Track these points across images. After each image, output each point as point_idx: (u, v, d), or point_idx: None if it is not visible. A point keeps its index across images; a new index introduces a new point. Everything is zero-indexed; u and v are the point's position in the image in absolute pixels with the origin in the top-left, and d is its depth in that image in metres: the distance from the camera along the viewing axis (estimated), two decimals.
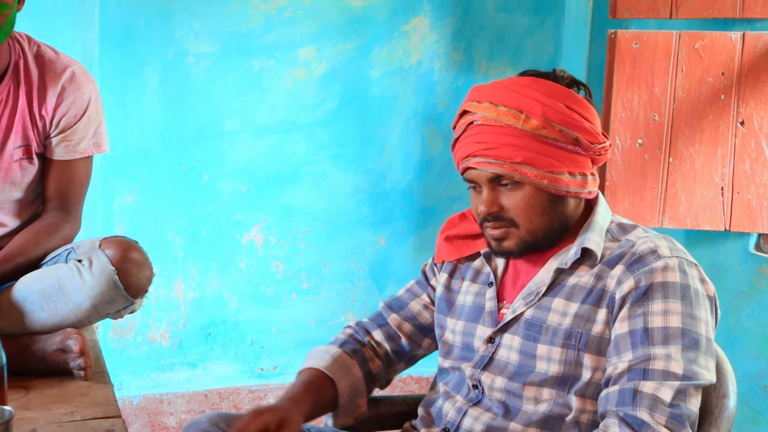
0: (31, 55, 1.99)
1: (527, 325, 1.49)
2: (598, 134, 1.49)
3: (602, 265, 1.46)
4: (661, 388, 1.33)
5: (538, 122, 1.43)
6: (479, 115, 1.47)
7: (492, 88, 1.49)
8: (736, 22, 2.70)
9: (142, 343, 2.97)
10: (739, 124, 2.66)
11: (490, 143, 1.45)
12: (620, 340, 1.39)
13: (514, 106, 1.45)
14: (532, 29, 3.19)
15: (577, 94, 1.49)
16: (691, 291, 1.40)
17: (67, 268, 1.85)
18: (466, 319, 1.59)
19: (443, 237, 1.66)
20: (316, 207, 3.08)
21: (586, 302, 1.44)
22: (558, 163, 1.45)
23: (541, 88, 1.46)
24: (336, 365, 1.63)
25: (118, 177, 2.85)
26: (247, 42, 2.90)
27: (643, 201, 2.73)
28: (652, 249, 1.43)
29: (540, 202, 1.46)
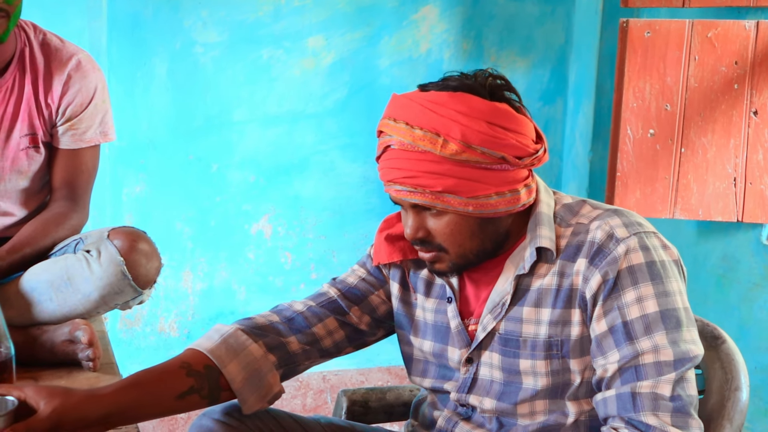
0: (36, 44, 1.98)
1: (503, 341, 1.42)
2: (528, 145, 1.37)
3: (561, 260, 1.39)
4: (658, 384, 1.30)
5: (457, 147, 1.32)
6: (396, 139, 1.36)
7: (409, 104, 1.36)
8: (750, 10, 2.67)
9: (150, 333, 2.97)
10: (753, 114, 2.63)
11: (408, 171, 1.34)
12: (602, 339, 1.34)
13: (431, 128, 1.33)
14: (543, 18, 3.17)
15: (500, 106, 1.36)
16: (657, 266, 1.35)
17: (76, 258, 1.85)
18: (433, 340, 1.51)
19: (382, 237, 1.53)
20: (324, 197, 3.07)
21: (557, 306, 1.38)
22: (483, 186, 1.35)
23: (458, 105, 1.33)
24: (224, 346, 1.45)
25: (126, 167, 2.85)
26: (256, 31, 2.89)
27: (654, 192, 2.71)
28: (609, 234, 1.36)
29: (468, 227, 1.37)
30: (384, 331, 1.62)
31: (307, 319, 1.54)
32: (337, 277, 1.61)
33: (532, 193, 1.41)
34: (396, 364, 3.19)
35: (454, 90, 1.36)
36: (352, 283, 1.58)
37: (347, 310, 1.56)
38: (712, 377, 1.45)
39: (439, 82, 1.39)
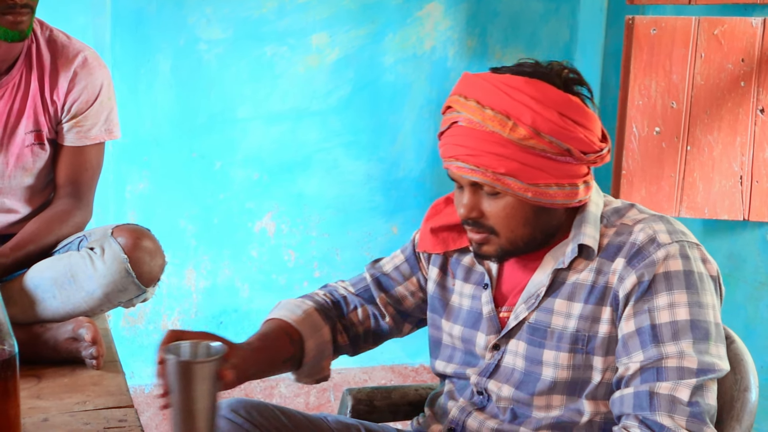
0: (43, 40, 1.98)
1: (531, 330, 1.43)
2: (595, 142, 1.38)
3: (601, 258, 1.39)
4: (677, 387, 1.30)
5: (527, 132, 1.32)
6: (464, 116, 1.36)
7: (482, 84, 1.37)
8: (757, 7, 2.66)
9: (153, 331, 2.96)
10: (759, 112, 2.62)
11: (472, 149, 1.35)
12: (628, 339, 1.34)
13: (502, 110, 1.33)
14: (548, 15, 3.15)
15: (573, 99, 1.37)
16: (695, 276, 1.35)
17: (79, 255, 1.84)
18: (464, 325, 1.52)
19: (428, 228, 1.56)
20: (328, 195, 3.06)
21: (589, 302, 1.39)
22: (545, 175, 1.35)
23: (533, 91, 1.34)
24: (307, 323, 1.54)
25: (129, 164, 2.84)
26: (260, 28, 2.88)
27: (660, 190, 2.70)
28: (651, 237, 1.36)
29: (523, 213, 1.38)
30: (410, 325, 1.66)
31: (347, 304, 1.62)
32: (380, 260, 1.67)
33: (589, 191, 1.42)
34: (399, 363, 3.18)
35: (530, 76, 1.36)
36: (386, 270, 1.64)
37: (376, 297, 1.62)
38: (722, 377, 1.44)
39: (513, 67, 1.39)
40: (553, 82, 1.37)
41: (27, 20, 1.83)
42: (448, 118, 1.41)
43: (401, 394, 1.79)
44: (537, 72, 1.37)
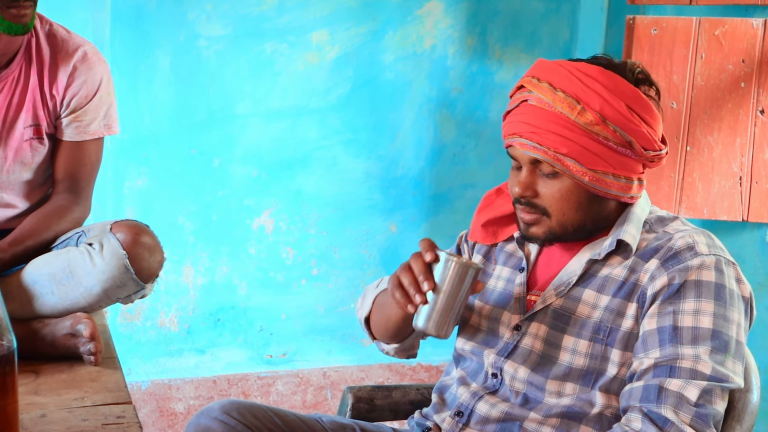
0: (43, 34, 1.97)
1: (555, 315, 1.46)
2: (656, 141, 1.42)
3: (636, 257, 1.42)
4: (687, 386, 1.30)
5: (594, 117, 1.38)
6: (535, 95, 1.42)
7: (556, 68, 1.42)
8: (758, 8, 2.66)
9: (150, 328, 2.96)
10: (759, 113, 2.62)
11: (538, 127, 1.40)
12: (648, 336, 1.36)
13: (573, 94, 1.39)
14: (548, 14, 3.15)
15: (642, 96, 1.41)
16: (726, 291, 1.36)
17: (78, 251, 1.84)
18: (494, 304, 1.56)
19: (480, 220, 1.62)
20: (327, 193, 3.05)
21: (617, 296, 1.41)
22: (604, 163, 1.40)
23: (606, 81, 1.39)
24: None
25: (128, 160, 2.83)
26: (260, 25, 2.87)
27: (659, 190, 2.70)
28: (690, 245, 1.39)
29: (577, 198, 1.42)
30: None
31: None
32: None
33: (642, 189, 1.46)
34: (397, 361, 3.18)
35: (604, 67, 1.41)
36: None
37: None
38: None
39: (588, 59, 1.45)
40: (625, 75, 1.41)
41: (30, 13, 1.83)
42: (518, 97, 1.46)
43: (402, 393, 1.79)
44: (611, 65, 1.43)
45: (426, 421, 1.57)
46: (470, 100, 3.14)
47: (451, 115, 3.13)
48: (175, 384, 2.98)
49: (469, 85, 3.12)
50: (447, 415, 1.53)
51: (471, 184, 3.17)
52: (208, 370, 3.03)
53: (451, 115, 3.13)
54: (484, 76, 3.13)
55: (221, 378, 3.03)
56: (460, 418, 1.49)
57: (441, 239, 3.29)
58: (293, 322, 3.09)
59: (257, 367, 3.08)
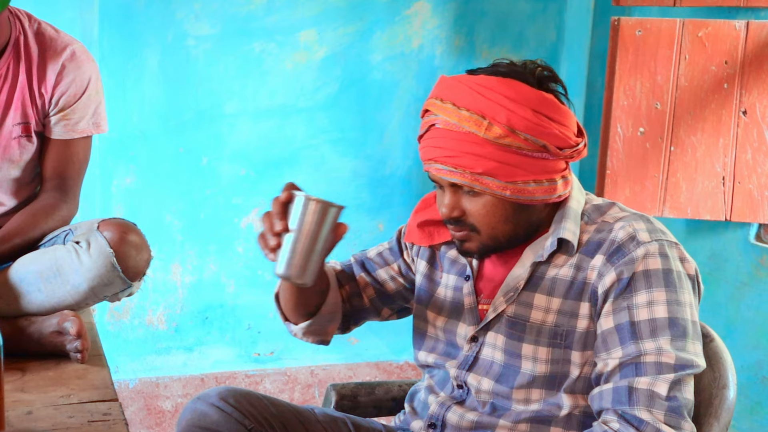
0: (31, 33, 1.97)
1: (510, 323, 1.45)
2: (570, 137, 1.40)
3: (581, 254, 1.41)
4: (656, 382, 1.31)
5: (502, 130, 1.35)
6: (441, 118, 1.39)
7: (457, 86, 1.40)
8: (741, 10, 2.68)
9: (138, 326, 2.96)
10: (742, 114, 2.64)
11: (450, 150, 1.38)
12: (607, 335, 1.36)
13: (477, 110, 1.36)
14: (535, 15, 3.17)
15: (547, 96, 1.40)
16: (674, 275, 1.37)
17: (65, 249, 1.84)
18: (448, 316, 1.55)
19: (416, 221, 1.59)
20: (314, 191, 3.01)
21: (568, 297, 1.41)
22: (523, 172, 1.38)
23: (507, 90, 1.37)
24: (333, 277, 1.62)
25: (116, 159, 2.84)
26: (248, 24, 2.88)
27: (644, 190, 2.72)
28: (631, 235, 1.38)
29: (503, 211, 1.41)
30: (390, 311, 1.68)
31: (339, 280, 1.66)
32: (366, 250, 1.72)
33: (568, 186, 1.44)
34: (384, 360, 3.19)
35: (504, 76, 1.39)
36: (370, 255, 1.68)
37: (355, 275, 1.66)
38: (700, 375, 1.46)
39: (488, 68, 1.42)
40: (526, 80, 1.39)
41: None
42: (426, 122, 1.43)
43: (385, 390, 1.80)
44: (511, 71, 1.40)
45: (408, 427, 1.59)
46: None
47: None
48: (163, 382, 2.99)
49: None
50: (420, 426, 1.54)
51: None
52: (196, 368, 3.03)
53: None
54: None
55: (209, 376, 3.03)
56: (434, 429, 1.50)
57: None
58: (281, 320, 3.10)
59: (245, 365, 3.08)
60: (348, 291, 1.65)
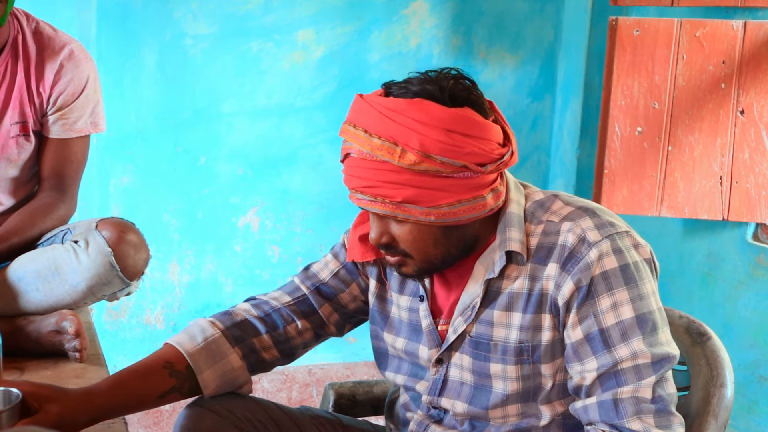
0: (29, 32, 1.97)
1: (473, 344, 1.41)
2: (491, 151, 1.32)
3: (533, 263, 1.36)
4: (639, 389, 1.30)
5: (416, 157, 1.28)
6: (355, 147, 1.32)
7: (368, 110, 1.33)
8: (738, 10, 2.69)
9: (136, 325, 2.96)
10: (739, 113, 2.65)
11: (368, 180, 1.31)
12: (578, 347, 1.33)
13: (389, 137, 1.29)
14: (532, 15, 3.17)
15: (461, 112, 1.30)
16: (631, 268, 1.33)
17: (64, 248, 1.84)
18: (407, 338, 1.50)
19: (356, 236, 1.49)
20: (312, 191, 3.06)
21: (527, 311, 1.36)
22: (445, 194, 1.31)
23: (417, 114, 1.29)
24: (204, 352, 1.47)
25: (114, 158, 2.84)
26: (246, 24, 2.88)
27: (641, 189, 2.73)
28: (581, 237, 1.33)
29: (431, 235, 1.34)
30: (351, 325, 1.62)
31: (282, 317, 1.54)
32: (310, 267, 1.59)
33: (500, 197, 1.37)
34: None
35: (414, 96, 1.31)
36: (324, 279, 1.57)
37: (317, 308, 1.56)
38: (698, 374, 1.46)
39: (402, 84, 1.35)
40: (437, 99, 1.31)
41: (2, 8, 1.83)
42: (343, 148, 1.37)
43: (383, 389, 1.80)
44: (422, 91, 1.32)
45: None
46: None
47: None
48: None
49: None
50: None
51: None
52: None
53: None
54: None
55: None
56: None
57: None
58: None
59: None
60: (311, 324, 1.56)
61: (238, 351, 1.50)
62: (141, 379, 1.43)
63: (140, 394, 1.43)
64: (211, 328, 1.50)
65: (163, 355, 1.47)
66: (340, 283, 1.56)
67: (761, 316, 2.74)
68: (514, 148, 1.37)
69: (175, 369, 1.45)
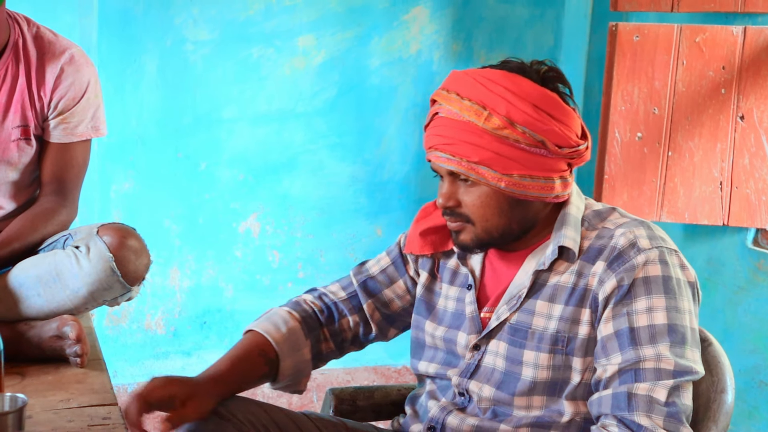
0: (30, 37, 1.98)
1: (512, 330, 1.45)
2: (571, 137, 1.41)
3: (582, 261, 1.42)
4: (655, 388, 1.32)
5: (501, 122, 1.37)
6: (444, 107, 1.43)
7: (463, 78, 1.43)
8: (738, 16, 2.69)
9: (137, 330, 2.96)
10: (739, 119, 2.65)
11: (450, 138, 1.41)
12: (607, 341, 1.37)
13: (478, 101, 1.39)
14: (533, 21, 3.18)
15: (550, 94, 1.41)
16: (673, 282, 1.38)
17: (65, 254, 1.85)
18: (448, 325, 1.54)
19: (417, 230, 1.58)
20: (313, 196, 3.07)
21: (570, 303, 1.41)
22: (519, 166, 1.39)
23: (509, 84, 1.39)
24: (288, 342, 1.56)
25: (115, 164, 2.84)
26: (246, 30, 2.89)
27: (641, 195, 2.73)
28: (632, 242, 1.39)
29: (497, 203, 1.42)
30: (395, 330, 1.68)
31: (338, 311, 1.63)
32: (365, 263, 1.68)
33: (567, 188, 1.45)
34: (382, 364, 3.20)
35: (509, 70, 1.42)
36: (373, 273, 1.65)
37: (363, 304, 1.63)
38: (698, 380, 1.46)
39: (497, 64, 1.46)
40: (530, 76, 1.42)
41: None
42: (431, 111, 1.47)
43: (384, 394, 1.80)
44: (517, 67, 1.43)
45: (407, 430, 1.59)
46: None
47: None
48: None
49: None
50: (421, 429, 1.53)
51: None
52: (195, 373, 2.99)
53: None
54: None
55: None
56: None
57: None
58: None
59: None
60: (359, 320, 1.64)
61: (308, 343, 1.58)
62: (245, 363, 1.51)
63: (246, 377, 1.51)
64: (290, 319, 1.58)
65: (256, 342, 1.54)
66: (386, 278, 1.64)
67: (761, 322, 2.74)
68: (589, 145, 1.46)
69: (268, 357, 1.53)
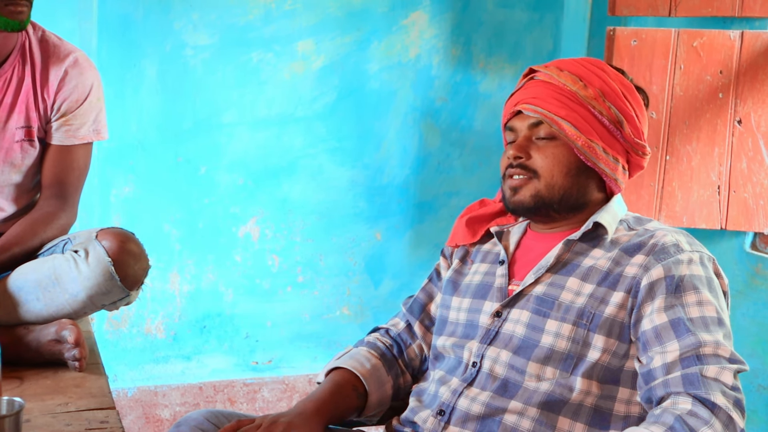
0: (35, 39, 2.00)
1: (538, 301, 1.50)
2: (642, 131, 1.56)
3: (620, 251, 1.48)
4: (722, 372, 1.35)
5: (593, 92, 1.52)
6: (542, 73, 1.57)
7: (564, 60, 1.60)
8: (735, 20, 2.70)
9: (137, 335, 2.97)
10: (737, 123, 2.66)
11: (541, 95, 1.54)
12: (661, 330, 1.39)
13: (576, 73, 1.54)
14: (531, 25, 3.19)
15: (636, 92, 1.57)
16: (715, 284, 1.45)
17: (64, 258, 1.85)
18: (473, 296, 1.60)
19: (464, 221, 1.69)
20: (312, 201, 3.07)
21: (602, 285, 1.46)
22: (596, 136, 1.51)
23: (607, 69, 1.56)
24: (374, 378, 1.64)
25: (114, 168, 2.85)
26: (246, 34, 2.90)
27: (639, 199, 2.74)
28: (675, 243, 1.46)
29: (567, 162, 1.52)
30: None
31: (403, 342, 1.72)
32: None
33: (625, 178, 1.58)
34: None
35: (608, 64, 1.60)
36: (416, 296, 1.75)
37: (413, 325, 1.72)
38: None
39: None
40: (624, 74, 1.59)
41: (26, 11, 1.88)
42: (524, 77, 1.62)
43: None
44: (611, 64, 1.62)
45: (403, 428, 1.59)
46: (454, 109, 3.17)
47: (436, 124, 3.17)
48: (161, 390, 2.99)
49: (454, 94, 3.15)
50: (428, 414, 1.53)
51: (455, 193, 3.20)
52: (194, 377, 3.04)
53: (435, 124, 3.17)
54: (468, 85, 3.16)
55: (207, 384, 3.04)
56: (442, 416, 1.50)
57: (425, 247, 3.32)
58: (279, 329, 3.11)
59: (243, 373, 3.09)
60: (419, 345, 1.72)
61: (389, 379, 1.66)
62: (339, 397, 1.59)
63: (342, 411, 1.58)
64: (371, 357, 1.67)
65: (347, 378, 1.62)
66: (426, 294, 1.74)
67: (760, 326, 2.74)
68: (648, 154, 1.60)
69: (358, 391, 1.61)
